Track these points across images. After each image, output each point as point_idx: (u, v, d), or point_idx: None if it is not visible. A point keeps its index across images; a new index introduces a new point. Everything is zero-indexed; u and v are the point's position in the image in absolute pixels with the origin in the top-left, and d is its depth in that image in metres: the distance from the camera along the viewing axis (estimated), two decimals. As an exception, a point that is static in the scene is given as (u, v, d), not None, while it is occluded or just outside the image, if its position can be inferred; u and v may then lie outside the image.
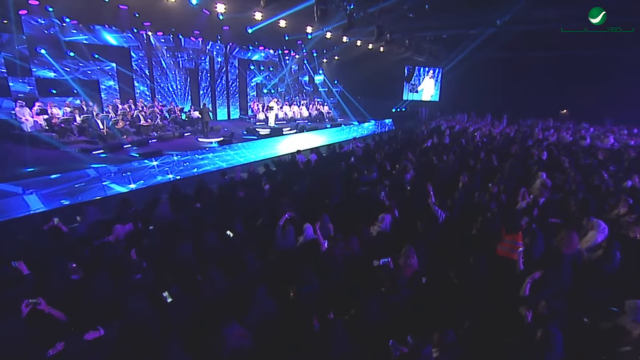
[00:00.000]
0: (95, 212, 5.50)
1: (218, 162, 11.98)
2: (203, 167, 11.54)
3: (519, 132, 16.40)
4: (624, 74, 18.43)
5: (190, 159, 11.11)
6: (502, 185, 7.01)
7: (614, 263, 4.63)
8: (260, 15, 12.04)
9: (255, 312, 3.21)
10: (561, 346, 3.01)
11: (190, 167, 11.04)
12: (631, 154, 10.58)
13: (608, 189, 7.31)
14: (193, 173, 11.00)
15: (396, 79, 27.92)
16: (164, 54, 17.06)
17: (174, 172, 10.45)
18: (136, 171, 9.58)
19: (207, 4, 11.32)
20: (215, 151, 12.10)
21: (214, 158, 11.85)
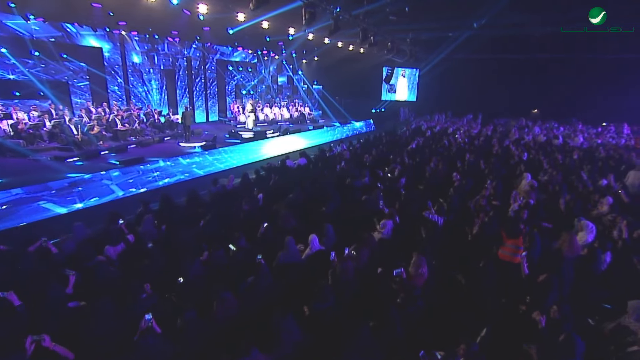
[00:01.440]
0: (82, 229, 5.13)
1: (195, 169, 11.51)
2: (191, 173, 11.16)
3: (495, 131, 17.02)
4: (590, 77, 19.55)
5: (169, 165, 10.63)
6: (492, 188, 7.20)
7: (606, 262, 4.86)
8: (243, 17, 11.75)
9: (285, 342, 3.07)
10: (582, 352, 3.11)
11: (170, 174, 10.54)
12: (601, 153, 11.23)
13: (587, 189, 7.67)
14: (180, 180, 10.64)
15: (375, 79, 28.25)
16: (139, 55, 16.32)
17: (142, 184, 9.75)
18: (88, 184, 8.69)
19: (189, 5, 10.91)
20: (199, 156, 11.74)
21: (190, 165, 11.47)
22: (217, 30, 14.47)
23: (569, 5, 12.25)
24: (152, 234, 5.10)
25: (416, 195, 7.23)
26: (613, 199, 6.59)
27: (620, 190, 7.12)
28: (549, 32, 15.91)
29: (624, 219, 5.73)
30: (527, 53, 19.68)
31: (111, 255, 4.72)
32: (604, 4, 10.70)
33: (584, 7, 11.02)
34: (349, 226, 5.96)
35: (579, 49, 18.02)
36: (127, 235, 5.02)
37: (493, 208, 6.12)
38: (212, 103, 20.86)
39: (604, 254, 4.84)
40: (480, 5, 14.65)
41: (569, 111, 19.79)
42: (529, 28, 15.31)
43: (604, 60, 18.14)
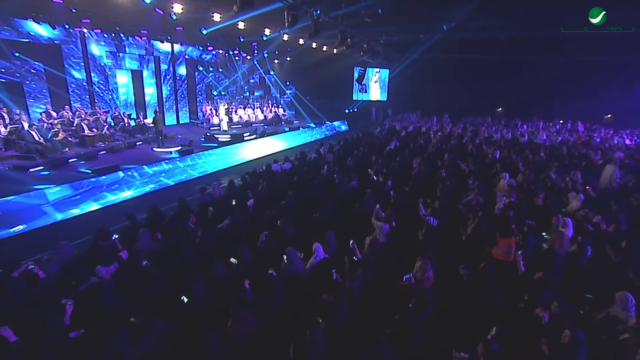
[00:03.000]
0: (69, 249, 4.76)
1: (164, 179, 10.76)
2: (161, 183, 10.61)
3: (465, 129, 17.80)
4: (549, 77, 21.03)
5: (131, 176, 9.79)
6: (476, 188, 7.53)
7: (587, 256, 5.26)
8: (219, 17, 11.43)
9: (313, 356, 3.04)
10: (584, 343, 3.35)
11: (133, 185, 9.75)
12: (564, 150, 12.11)
13: (558, 186, 8.24)
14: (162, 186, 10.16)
15: (346, 79, 28.57)
16: (103, 54, 15.34)
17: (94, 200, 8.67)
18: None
19: (162, 4, 10.42)
20: (176, 161, 11.26)
21: (158, 174, 10.80)
22: (190, 30, 13.94)
23: (540, 9, 12.98)
24: (150, 250, 4.82)
25: (405, 198, 7.41)
26: (584, 195, 7.13)
27: (588, 187, 7.71)
28: (514, 36, 16.88)
29: (595, 214, 6.24)
30: (492, 54, 20.76)
31: (104, 276, 4.42)
32: (602, 3, 10.87)
33: (560, 9, 11.42)
34: (345, 232, 5.98)
35: (539, 52, 19.30)
36: (120, 253, 4.72)
37: (482, 208, 6.39)
38: (182, 104, 20.09)
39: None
40: (450, 9, 15.25)
41: (529, 110, 21.18)
42: (495, 32, 16.14)
43: (562, 62, 19.59)
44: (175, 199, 6.71)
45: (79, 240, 6.07)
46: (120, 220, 6.84)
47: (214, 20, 11.41)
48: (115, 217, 7.62)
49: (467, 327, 3.91)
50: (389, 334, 3.70)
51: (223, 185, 10.63)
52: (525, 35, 16.34)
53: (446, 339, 3.73)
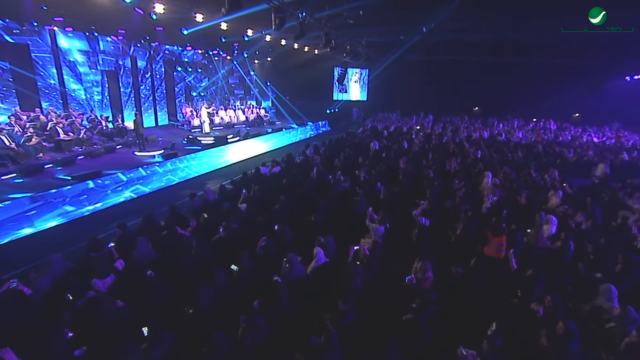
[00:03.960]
0: (61, 263, 4.57)
1: (141, 187, 10.17)
2: (138, 191, 10.19)
3: (445, 129, 18.35)
4: (522, 77, 22.01)
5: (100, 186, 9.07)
6: (463, 187, 7.80)
7: (570, 251, 5.59)
8: (201, 17, 11.21)
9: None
10: (577, 333, 3.59)
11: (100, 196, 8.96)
12: (539, 148, 12.73)
13: (538, 184, 8.67)
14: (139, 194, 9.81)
15: (326, 80, 28.71)
16: (76, 54, 14.64)
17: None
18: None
19: (143, 4, 10.10)
20: (158, 166, 10.94)
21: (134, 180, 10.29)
22: (170, 30, 13.57)
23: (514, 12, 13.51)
24: (149, 258, 4.69)
25: (396, 199, 7.57)
26: (562, 192, 7.55)
27: (565, 184, 8.17)
28: (489, 38, 17.53)
29: (575, 211, 6.63)
30: (468, 56, 21.48)
31: (100, 288, 4.28)
32: (601, 3, 10.72)
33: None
34: (341, 234, 6.06)
35: (514, 54, 20.14)
36: (115, 263, 4.58)
37: (471, 208, 6.63)
38: (160, 106, 19.52)
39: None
40: (429, 11, 15.67)
41: (504, 109, 22.11)
42: (471, 34, 16.72)
43: (535, 63, 20.56)
44: (162, 204, 6.57)
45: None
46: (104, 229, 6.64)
47: (196, 20, 11.17)
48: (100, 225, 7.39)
49: (467, 324, 4.08)
50: (397, 335, 3.81)
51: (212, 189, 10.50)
52: (501, 38, 17.02)
53: (449, 337, 3.88)
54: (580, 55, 18.36)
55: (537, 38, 16.26)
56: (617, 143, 14.66)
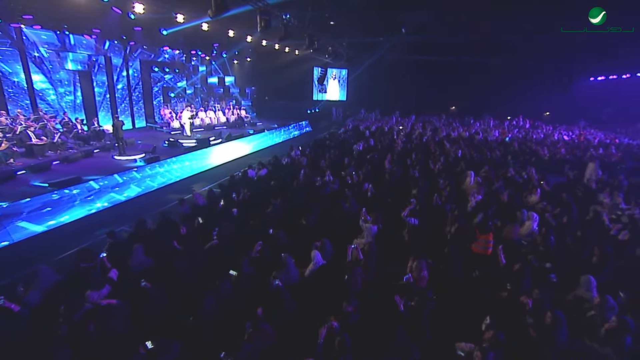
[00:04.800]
0: (50, 274, 4.40)
1: (116, 195, 9.58)
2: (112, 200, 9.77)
3: (425, 128, 18.81)
4: (496, 77, 22.93)
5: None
6: (448, 187, 8.07)
7: (552, 246, 5.93)
8: (182, 18, 10.98)
9: None
10: (565, 323, 3.84)
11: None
12: (515, 146, 13.32)
13: (517, 182, 9.09)
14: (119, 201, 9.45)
15: (306, 80, 28.77)
16: (45, 53, 13.91)
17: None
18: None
19: (121, 3, 9.79)
20: (141, 170, 10.63)
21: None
22: (149, 30, 13.19)
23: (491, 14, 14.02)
24: (145, 266, 4.59)
25: (385, 199, 7.74)
26: (540, 189, 7.96)
27: (542, 181, 8.62)
28: (466, 39, 18.13)
29: (554, 207, 7.02)
30: (445, 56, 22.13)
31: (96, 300, 4.16)
32: (601, 3, 10.68)
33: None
34: (333, 236, 6.12)
35: (489, 54, 20.95)
36: (110, 274, 4.46)
37: (458, 207, 6.88)
38: (137, 108, 18.92)
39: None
40: (408, 14, 16.05)
41: (480, 108, 22.97)
42: (449, 35, 17.26)
43: (508, 64, 21.47)
44: (146, 210, 6.42)
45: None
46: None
47: (177, 21, 10.93)
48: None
49: (461, 319, 4.27)
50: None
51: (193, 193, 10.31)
52: (476, 39, 17.64)
53: (446, 332, 4.05)
54: (549, 57, 19.37)
55: (510, 39, 16.97)
56: (583, 140, 15.60)
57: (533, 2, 12.71)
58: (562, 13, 12.18)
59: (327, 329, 3.50)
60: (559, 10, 12.18)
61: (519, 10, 13.91)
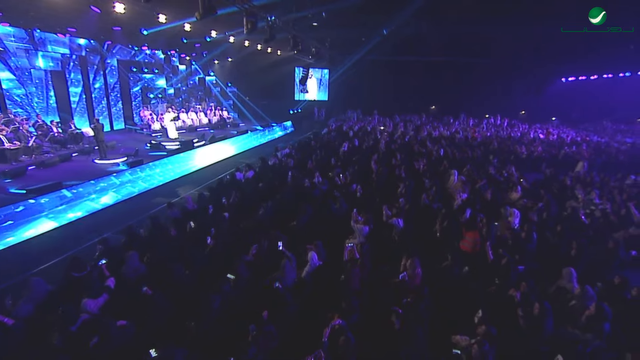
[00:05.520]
0: (42, 284, 4.27)
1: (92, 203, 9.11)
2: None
3: (407, 128, 19.20)
4: (474, 77, 23.69)
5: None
6: (434, 186, 8.31)
7: (534, 240, 6.25)
8: (164, 18, 10.77)
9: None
10: (551, 313, 4.10)
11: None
12: (495, 145, 13.85)
13: (498, 180, 9.47)
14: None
15: (288, 80, 28.72)
16: (13, 52, 13.21)
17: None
18: None
19: (100, 2, 9.50)
20: (124, 174, 10.34)
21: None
22: (129, 30, 12.84)
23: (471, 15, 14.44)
24: (140, 272, 4.53)
25: (373, 200, 7.88)
26: (520, 187, 8.35)
27: (521, 179, 9.04)
28: (445, 40, 18.63)
29: (534, 203, 7.39)
30: (425, 56, 22.65)
31: (93, 310, 4.08)
32: (601, 3, 10.64)
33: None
34: (324, 236, 6.20)
35: (467, 54, 21.58)
36: (107, 282, 4.38)
37: (444, 206, 7.12)
38: (116, 109, 18.34)
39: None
40: (389, 15, 16.35)
41: (459, 107, 23.68)
42: (429, 36, 17.68)
43: (486, 64, 22.22)
44: (132, 217, 6.28)
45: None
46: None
47: (159, 21, 10.71)
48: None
49: (454, 313, 4.47)
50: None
51: (182, 197, 10.16)
52: (455, 40, 18.16)
53: (441, 326, 4.24)
54: (525, 58, 20.20)
55: (487, 40, 17.56)
56: (547, 137, 16.46)
57: (510, 5, 13.20)
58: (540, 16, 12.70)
59: (331, 328, 3.59)
60: (537, 12, 12.72)
61: (498, 13, 14.43)
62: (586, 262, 5.66)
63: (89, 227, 7.77)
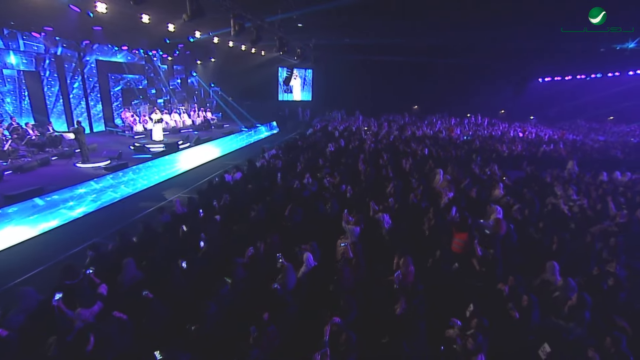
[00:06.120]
0: (33, 294, 4.16)
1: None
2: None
3: (391, 127, 19.50)
4: (456, 77, 24.29)
5: None
6: (420, 186, 8.52)
7: (515, 237, 6.51)
8: (147, 19, 10.57)
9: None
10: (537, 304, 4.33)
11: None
12: (477, 143, 14.26)
13: (481, 179, 9.79)
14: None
15: (271, 80, 28.63)
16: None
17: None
18: None
19: (80, 1, 9.24)
20: (107, 178, 10.07)
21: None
22: (110, 30, 12.51)
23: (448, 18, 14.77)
24: (138, 279, 4.48)
25: (362, 200, 8.00)
26: (503, 184, 8.67)
27: (504, 178, 9.37)
28: (428, 42, 19.00)
29: (516, 201, 7.69)
30: (408, 57, 23.02)
31: (88, 318, 4.02)
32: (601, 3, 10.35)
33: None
34: (317, 238, 6.27)
35: (449, 55, 22.07)
36: (99, 290, 4.32)
37: (432, 205, 7.31)
38: (95, 111, 17.78)
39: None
40: (373, 17, 16.55)
41: (441, 107, 24.26)
42: (412, 38, 18.00)
43: (467, 65, 22.82)
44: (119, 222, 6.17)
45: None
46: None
47: (143, 22, 10.50)
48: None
49: (446, 308, 4.64)
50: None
51: (170, 200, 10.03)
52: (438, 41, 18.57)
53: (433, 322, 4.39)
54: (503, 58, 20.86)
55: (467, 41, 18.02)
56: (526, 136, 17.10)
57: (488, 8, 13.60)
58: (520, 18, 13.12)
59: (331, 327, 3.67)
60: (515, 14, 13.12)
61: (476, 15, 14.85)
62: (567, 255, 5.96)
63: (75, 234, 7.57)
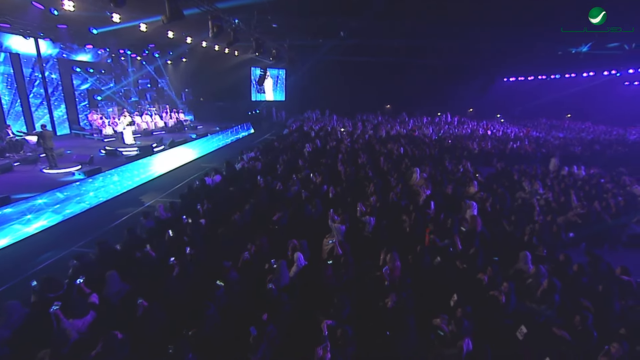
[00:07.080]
0: (19, 308, 4.00)
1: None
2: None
3: (365, 127, 19.92)
4: (426, 77, 25.15)
5: None
6: (399, 184, 8.85)
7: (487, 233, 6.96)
8: (118, 18, 10.22)
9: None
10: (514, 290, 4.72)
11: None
12: (449, 142, 14.92)
13: (454, 176, 10.29)
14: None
15: (244, 80, 28.32)
16: None
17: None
18: None
19: None
20: (80, 184, 9.64)
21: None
22: (77, 29, 11.92)
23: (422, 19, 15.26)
24: (124, 292, 4.39)
25: (345, 199, 8.21)
26: (477, 181, 9.18)
27: (477, 174, 9.92)
28: (400, 43, 19.54)
29: (490, 197, 8.19)
30: (380, 57, 23.56)
31: (81, 329, 3.93)
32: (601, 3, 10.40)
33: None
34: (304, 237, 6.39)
35: (419, 56, 22.79)
36: (90, 299, 4.22)
37: (411, 203, 7.64)
38: (60, 113, 16.85)
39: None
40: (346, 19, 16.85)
41: (412, 106, 25.06)
42: (385, 39, 18.46)
43: (437, 65, 23.69)
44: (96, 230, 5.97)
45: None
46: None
47: (112, 20, 10.13)
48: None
49: (432, 299, 4.94)
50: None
51: (148, 204, 9.78)
52: (410, 42, 19.16)
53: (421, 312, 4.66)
54: (471, 59, 21.87)
55: (437, 42, 18.71)
56: (493, 134, 18.13)
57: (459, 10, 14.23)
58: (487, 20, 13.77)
59: (327, 323, 3.83)
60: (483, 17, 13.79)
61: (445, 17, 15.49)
62: (537, 244, 6.46)
63: (50, 241, 7.24)
